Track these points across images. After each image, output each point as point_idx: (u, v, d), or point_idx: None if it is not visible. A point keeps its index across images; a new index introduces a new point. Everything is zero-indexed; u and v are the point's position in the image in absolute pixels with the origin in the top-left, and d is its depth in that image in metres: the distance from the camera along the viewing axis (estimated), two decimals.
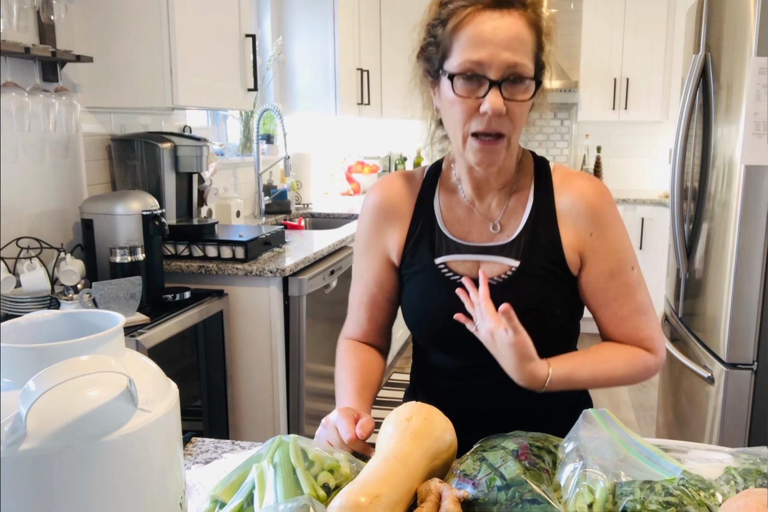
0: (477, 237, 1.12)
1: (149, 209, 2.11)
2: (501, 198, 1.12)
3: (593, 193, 1.09)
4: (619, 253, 1.09)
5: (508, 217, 1.11)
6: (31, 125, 1.97)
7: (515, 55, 0.96)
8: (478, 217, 1.13)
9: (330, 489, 0.83)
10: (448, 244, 1.12)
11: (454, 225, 1.13)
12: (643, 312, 1.11)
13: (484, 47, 0.96)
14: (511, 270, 1.08)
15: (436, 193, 1.16)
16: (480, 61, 0.96)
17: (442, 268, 1.11)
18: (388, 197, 1.17)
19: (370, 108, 4.55)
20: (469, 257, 1.11)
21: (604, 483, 0.80)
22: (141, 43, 2.23)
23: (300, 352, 2.48)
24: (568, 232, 1.09)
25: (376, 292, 1.19)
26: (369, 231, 1.18)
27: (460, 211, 1.14)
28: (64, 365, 0.59)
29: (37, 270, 1.90)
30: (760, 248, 2.03)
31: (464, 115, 1.00)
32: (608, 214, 1.09)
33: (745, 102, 1.98)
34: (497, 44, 0.95)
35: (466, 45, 0.97)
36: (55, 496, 0.60)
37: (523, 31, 0.97)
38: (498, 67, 0.96)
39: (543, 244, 1.08)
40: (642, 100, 4.79)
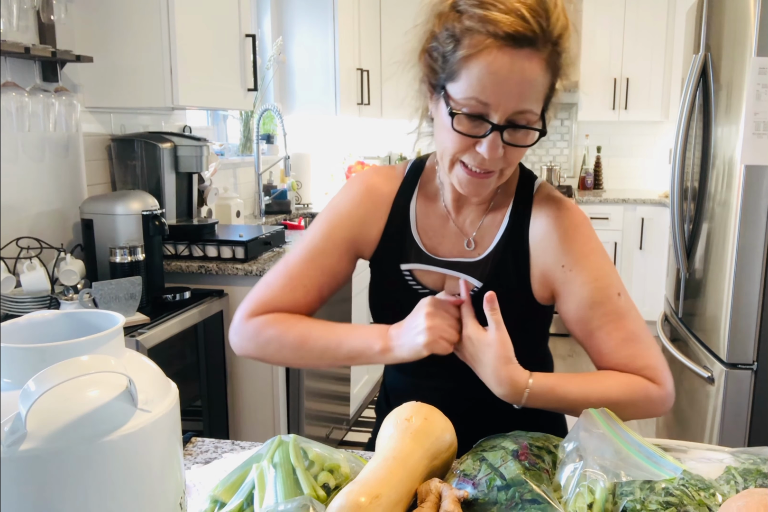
0: (448, 250, 1.08)
1: (149, 209, 2.11)
2: (478, 213, 1.08)
3: (567, 225, 1.03)
4: (599, 281, 1.01)
5: (481, 235, 1.07)
6: (31, 125, 1.97)
7: (524, 102, 0.90)
8: (452, 229, 1.09)
9: (330, 489, 0.83)
10: (417, 253, 1.08)
11: (427, 232, 1.09)
12: (637, 341, 1.01)
13: (494, 89, 0.88)
14: (473, 290, 1.05)
15: (414, 195, 1.10)
16: (486, 103, 0.89)
17: (407, 276, 1.08)
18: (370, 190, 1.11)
19: (370, 108, 4.55)
20: (435, 269, 1.07)
21: (604, 483, 0.80)
22: (141, 43, 2.23)
23: None
24: (538, 262, 1.04)
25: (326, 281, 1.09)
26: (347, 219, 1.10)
27: (436, 219, 1.09)
28: (64, 365, 0.59)
29: (37, 271, 1.90)
30: (760, 248, 2.03)
31: (458, 148, 0.94)
32: (583, 244, 1.02)
33: (745, 102, 1.98)
34: (509, 90, 0.88)
35: (475, 81, 0.88)
36: (55, 496, 0.60)
37: (539, 74, 0.89)
38: (504, 112, 0.89)
39: (510, 270, 1.04)
40: (642, 100, 4.79)
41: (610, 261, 1.05)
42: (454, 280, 1.06)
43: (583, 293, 1.01)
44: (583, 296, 1.01)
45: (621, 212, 4.59)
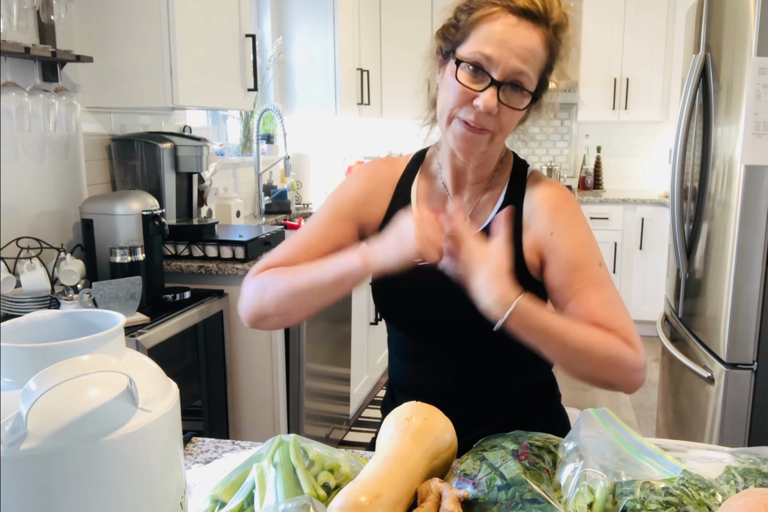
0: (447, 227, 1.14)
1: (149, 209, 2.11)
2: (474, 192, 1.16)
3: (556, 198, 1.12)
4: (582, 247, 1.09)
5: (478, 211, 1.15)
6: (31, 125, 1.97)
7: (523, 64, 0.99)
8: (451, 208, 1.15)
9: (330, 489, 0.83)
10: None
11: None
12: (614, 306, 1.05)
13: (499, 46, 0.99)
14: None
15: (416, 179, 1.19)
16: (490, 57, 0.99)
17: None
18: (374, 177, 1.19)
19: (370, 108, 4.55)
20: None
21: (604, 483, 0.80)
22: (141, 43, 2.23)
23: (300, 352, 2.48)
24: (529, 234, 1.11)
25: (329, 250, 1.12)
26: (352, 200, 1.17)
27: (435, 198, 1.17)
28: (65, 365, 0.59)
29: (37, 270, 1.90)
30: (760, 248, 2.03)
31: (457, 101, 1.02)
32: (570, 216, 1.11)
33: (745, 102, 1.98)
34: (511, 48, 0.98)
35: (482, 38, 1.00)
36: (55, 496, 0.60)
37: (539, 47, 1.01)
38: (504, 69, 0.99)
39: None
40: (642, 100, 4.79)
41: (593, 235, 1.11)
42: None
43: (567, 257, 1.08)
44: (567, 260, 1.08)
45: (621, 212, 4.59)
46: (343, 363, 3.04)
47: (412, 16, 4.71)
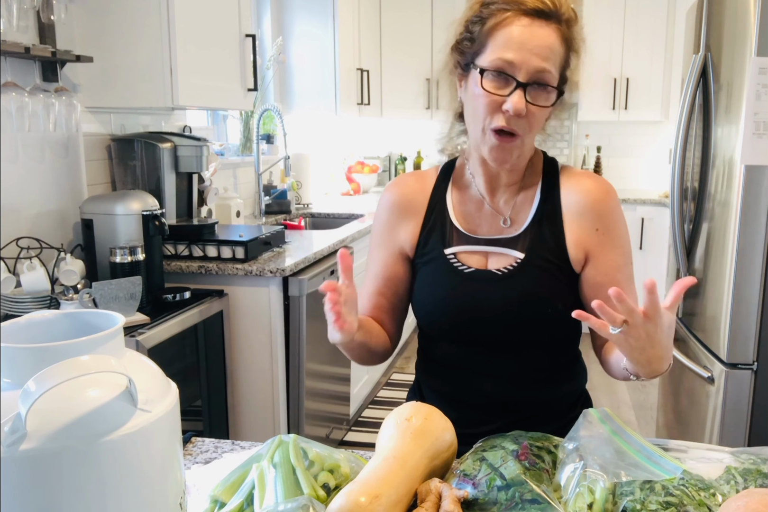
0: (486, 230, 1.16)
1: (149, 209, 2.11)
2: (510, 194, 1.17)
3: (598, 190, 1.13)
4: (624, 247, 1.13)
5: (516, 212, 1.15)
6: (31, 125, 1.97)
7: (545, 62, 1.02)
8: (488, 212, 1.17)
9: (330, 489, 0.83)
10: (459, 235, 1.16)
11: (465, 218, 1.17)
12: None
13: (518, 50, 1.01)
14: (516, 262, 1.12)
15: (449, 188, 1.20)
16: (512, 62, 1.01)
17: (452, 259, 1.15)
18: (404, 194, 1.21)
19: (370, 108, 4.55)
20: (478, 248, 1.14)
21: (604, 483, 0.80)
22: (141, 43, 2.23)
23: (300, 352, 2.48)
24: (572, 228, 1.12)
25: (381, 284, 1.21)
26: (383, 227, 1.22)
27: (472, 205, 1.18)
28: (64, 365, 0.59)
29: (37, 270, 1.90)
30: (760, 248, 2.03)
31: (487, 110, 1.04)
32: (613, 210, 1.13)
33: (745, 102, 1.98)
34: (530, 49, 1.01)
35: (501, 44, 1.02)
36: (55, 496, 0.60)
37: (556, 43, 1.03)
38: (527, 71, 1.01)
39: (547, 239, 1.12)
40: (642, 100, 4.79)
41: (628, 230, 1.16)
42: (496, 256, 1.14)
43: (614, 256, 1.11)
44: (613, 259, 1.11)
45: None
46: (343, 363, 3.04)
47: (412, 16, 4.71)
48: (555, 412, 1.18)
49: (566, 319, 1.11)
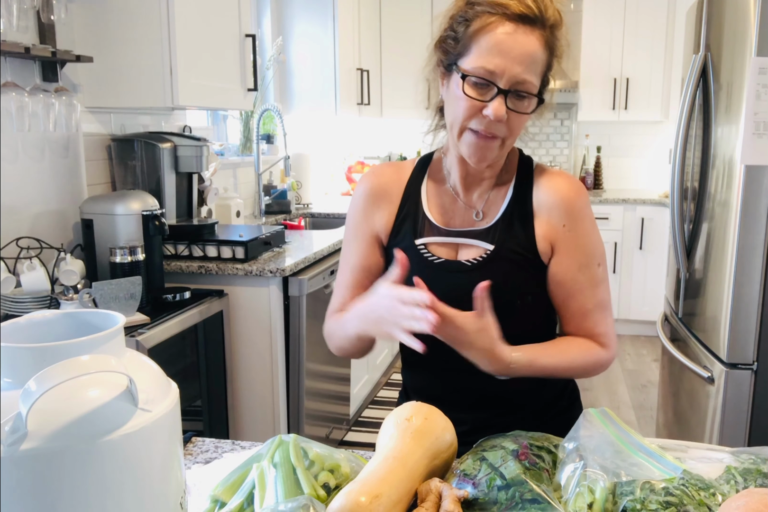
0: (459, 222, 1.18)
1: (149, 209, 2.11)
2: (484, 189, 1.18)
3: (568, 189, 1.15)
4: (588, 247, 1.14)
5: (488, 206, 1.17)
6: (31, 125, 1.97)
7: (526, 71, 1.02)
8: (461, 205, 1.18)
9: (330, 489, 0.83)
10: (431, 226, 1.17)
11: (438, 209, 1.19)
12: (604, 309, 1.16)
13: (501, 58, 1.01)
14: (486, 253, 1.13)
15: (425, 180, 1.21)
16: (493, 71, 1.02)
17: (422, 250, 1.16)
18: (379, 183, 1.22)
19: (370, 108, 4.55)
20: (449, 240, 1.16)
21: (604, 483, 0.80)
22: (141, 43, 2.23)
23: (300, 352, 2.48)
24: (542, 223, 1.14)
25: (361, 276, 1.22)
26: (358, 216, 1.23)
27: (446, 198, 1.19)
28: (64, 365, 0.59)
29: (37, 270, 1.90)
30: (760, 248, 2.03)
31: (467, 113, 1.05)
32: (581, 209, 1.14)
33: (745, 102, 1.98)
34: (513, 58, 1.01)
35: (484, 51, 1.02)
36: (55, 496, 0.60)
37: (539, 51, 1.04)
38: (508, 79, 1.02)
39: (517, 232, 1.14)
40: (642, 100, 4.79)
41: (598, 230, 1.17)
42: (467, 248, 1.15)
43: (576, 255, 1.13)
44: (574, 258, 1.13)
45: (621, 212, 4.59)
46: (343, 363, 3.04)
47: (412, 16, 4.71)
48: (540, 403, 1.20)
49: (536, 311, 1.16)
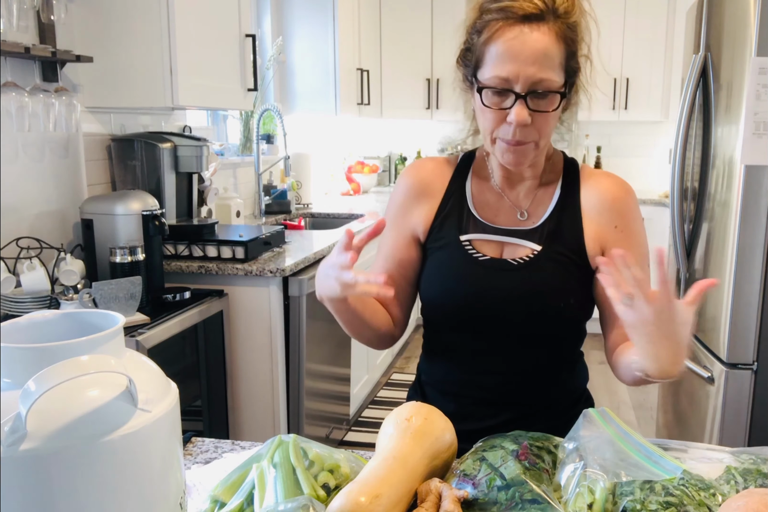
0: (504, 221, 1.16)
1: (149, 209, 2.11)
2: (530, 188, 1.17)
3: (618, 189, 1.15)
4: (641, 247, 1.14)
5: (535, 206, 1.16)
6: (31, 125, 1.97)
7: (541, 70, 1.01)
8: (506, 204, 1.17)
9: (330, 489, 0.83)
10: (476, 223, 1.16)
11: (483, 207, 1.18)
12: None
13: (512, 63, 1.01)
14: (533, 254, 1.12)
15: (469, 176, 1.21)
16: (507, 78, 1.01)
17: (467, 245, 1.15)
18: (422, 177, 1.21)
19: (370, 108, 4.55)
20: (494, 237, 1.14)
21: (604, 483, 0.80)
22: (141, 43, 2.23)
23: (300, 352, 2.48)
24: (591, 225, 1.13)
25: (392, 267, 1.20)
26: (398, 209, 1.21)
27: (491, 195, 1.18)
28: (64, 365, 0.59)
29: (37, 270, 1.90)
30: (760, 248, 2.03)
31: (492, 124, 1.06)
32: (632, 209, 1.14)
33: (745, 102, 1.98)
34: (524, 60, 1.00)
35: (495, 60, 1.02)
36: (55, 496, 0.60)
37: (551, 44, 1.02)
38: (524, 82, 1.01)
39: (565, 233, 1.13)
40: (642, 100, 4.79)
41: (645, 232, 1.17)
42: (512, 247, 1.14)
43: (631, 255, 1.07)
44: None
45: None
46: (343, 363, 3.04)
47: (412, 16, 4.70)
48: (557, 409, 1.18)
49: (575, 316, 1.14)
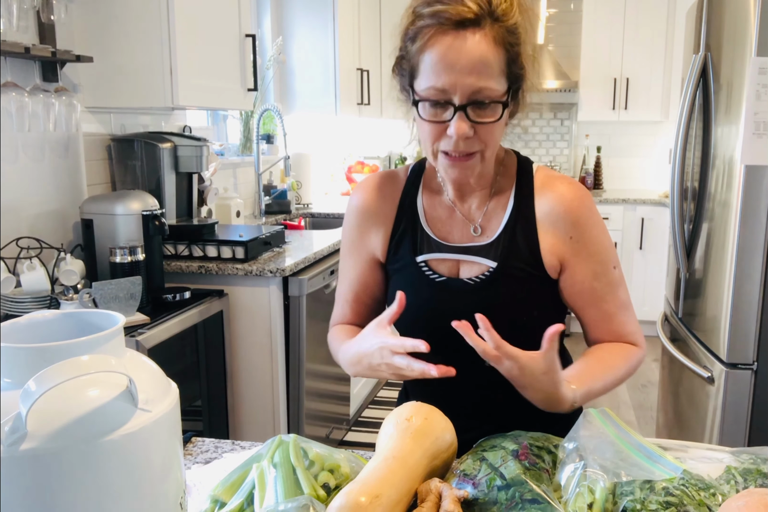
0: (458, 237, 1.13)
1: (149, 209, 2.11)
2: (482, 199, 1.13)
3: (572, 198, 1.09)
4: (600, 254, 1.10)
5: (488, 219, 1.12)
6: (31, 125, 1.97)
7: (479, 79, 0.95)
8: (459, 218, 1.14)
9: (330, 489, 0.83)
10: (430, 242, 1.13)
11: (436, 224, 1.14)
12: (627, 308, 1.14)
13: (447, 74, 0.94)
14: (489, 271, 1.09)
15: (419, 192, 1.16)
16: (444, 88, 0.95)
17: (423, 266, 1.12)
18: (372, 198, 1.17)
19: (370, 108, 4.55)
20: (449, 256, 1.12)
21: (604, 483, 0.80)
22: (141, 43, 2.23)
23: (300, 352, 2.48)
24: (547, 236, 1.09)
25: (359, 290, 1.20)
26: (352, 232, 1.19)
27: (443, 211, 1.15)
28: (64, 365, 0.59)
29: (37, 270, 1.90)
30: (760, 248, 2.03)
31: (432, 136, 1.01)
32: (588, 218, 1.10)
33: (745, 102, 1.98)
34: (459, 70, 0.94)
35: (430, 70, 0.96)
36: (55, 496, 0.60)
37: (488, 51, 0.95)
38: (462, 93, 0.95)
39: (521, 247, 1.09)
40: (642, 100, 4.79)
41: (608, 234, 1.13)
42: (468, 265, 1.11)
43: (589, 265, 1.09)
44: (588, 268, 1.09)
45: (621, 212, 4.59)
46: None
47: None
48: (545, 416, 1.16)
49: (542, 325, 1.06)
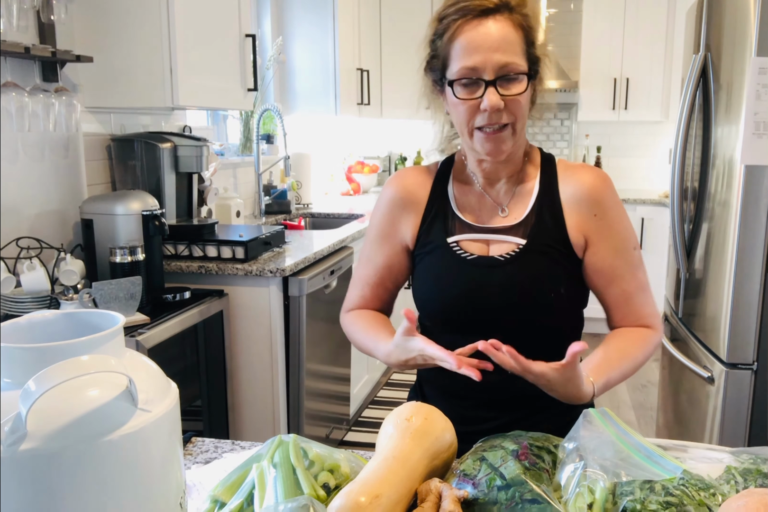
0: (487, 220, 1.20)
1: (149, 209, 2.11)
2: (509, 186, 1.21)
3: (594, 179, 1.18)
4: (621, 233, 1.18)
5: (515, 203, 1.20)
6: (31, 125, 1.97)
7: (505, 55, 1.06)
8: (488, 203, 1.22)
9: (330, 489, 0.83)
10: (461, 225, 1.20)
11: (466, 208, 1.22)
12: (645, 290, 1.19)
13: (476, 53, 1.06)
14: (518, 248, 1.16)
15: (450, 181, 1.25)
16: (474, 67, 1.07)
17: (455, 247, 1.19)
18: (404, 187, 1.25)
19: (370, 108, 4.55)
20: (480, 236, 1.19)
21: (604, 483, 0.80)
22: (141, 43, 2.23)
23: (300, 352, 2.48)
24: (572, 215, 1.17)
25: (384, 274, 1.27)
26: (384, 220, 1.26)
27: (472, 196, 1.23)
28: (64, 365, 0.59)
29: (37, 270, 1.90)
30: (760, 248, 2.03)
31: (468, 114, 1.10)
32: (609, 197, 1.18)
33: (745, 102, 1.98)
34: (487, 48, 1.06)
35: (460, 54, 1.08)
36: (55, 496, 0.60)
37: (510, 32, 1.08)
38: (491, 69, 1.06)
39: (548, 225, 1.16)
40: (642, 100, 4.79)
41: (628, 216, 1.21)
42: (498, 244, 1.18)
43: (611, 241, 1.16)
44: (610, 244, 1.16)
45: None
46: (343, 363, 3.04)
47: (412, 16, 4.70)
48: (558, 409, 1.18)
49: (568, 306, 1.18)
